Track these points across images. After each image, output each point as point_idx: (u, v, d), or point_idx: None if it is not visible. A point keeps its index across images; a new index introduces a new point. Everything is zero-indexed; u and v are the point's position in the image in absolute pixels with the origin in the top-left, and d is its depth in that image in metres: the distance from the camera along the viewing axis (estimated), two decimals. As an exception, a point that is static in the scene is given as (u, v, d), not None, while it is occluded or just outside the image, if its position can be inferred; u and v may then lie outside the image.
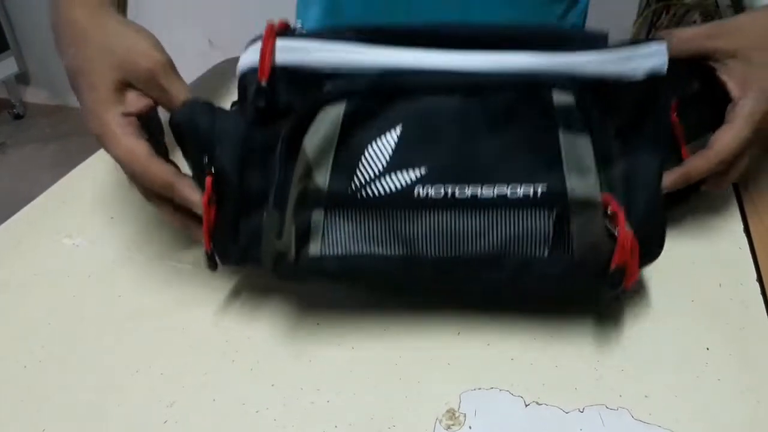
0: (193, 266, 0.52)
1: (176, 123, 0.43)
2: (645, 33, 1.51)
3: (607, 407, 0.40)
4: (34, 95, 2.48)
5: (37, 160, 2.14)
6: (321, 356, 0.44)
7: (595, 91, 0.40)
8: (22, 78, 2.44)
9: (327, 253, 0.41)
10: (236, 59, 0.43)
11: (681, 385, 0.42)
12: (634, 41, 0.42)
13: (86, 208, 0.60)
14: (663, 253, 0.44)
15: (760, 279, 0.51)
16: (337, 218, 0.41)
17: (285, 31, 0.42)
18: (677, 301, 0.48)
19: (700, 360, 0.44)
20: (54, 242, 0.55)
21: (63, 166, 0.66)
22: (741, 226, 0.57)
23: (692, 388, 0.42)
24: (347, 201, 0.41)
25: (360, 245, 0.41)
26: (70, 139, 2.21)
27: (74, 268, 0.52)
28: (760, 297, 0.49)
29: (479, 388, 0.42)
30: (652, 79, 0.42)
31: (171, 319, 0.47)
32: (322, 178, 0.40)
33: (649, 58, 0.42)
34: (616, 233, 0.40)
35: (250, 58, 0.42)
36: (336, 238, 0.41)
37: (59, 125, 2.32)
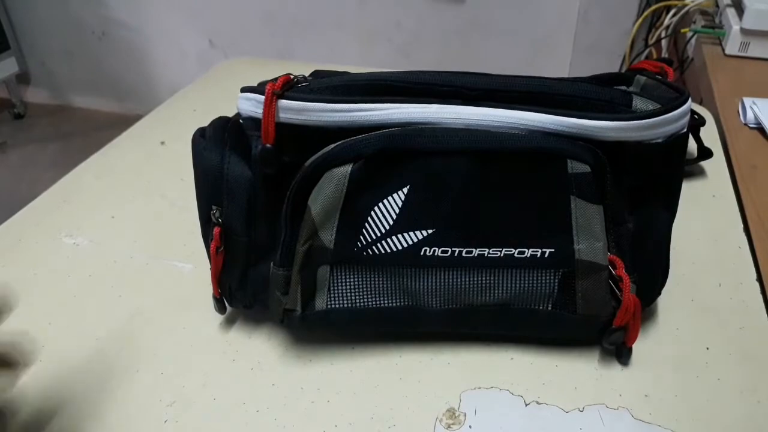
0: (193, 266, 0.52)
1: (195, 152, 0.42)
2: (645, 33, 1.51)
3: (607, 407, 0.40)
4: (34, 95, 2.48)
5: (37, 160, 2.14)
6: (321, 356, 0.44)
7: (611, 152, 0.39)
8: (23, 78, 2.44)
9: (333, 306, 0.42)
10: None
11: (681, 384, 0.42)
12: (664, 107, 0.39)
13: (86, 207, 0.60)
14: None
15: (759, 279, 0.51)
16: (342, 273, 0.41)
17: (288, 84, 0.40)
18: (677, 300, 0.48)
19: (700, 360, 0.44)
20: (54, 241, 0.55)
21: (63, 166, 0.66)
22: (741, 226, 0.57)
23: (692, 387, 0.42)
24: (353, 258, 0.40)
25: (365, 298, 0.41)
26: (70, 139, 2.21)
27: (74, 268, 0.52)
28: (760, 297, 0.49)
29: (479, 388, 0.42)
30: (673, 140, 0.40)
31: (171, 319, 0.47)
32: (328, 237, 0.40)
33: (673, 124, 0.39)
34: (620, 296, 0.40)
35: (250, 108, 0.41)
36: (341, 292, 0.41)
37: (60, 125, 2.31)
